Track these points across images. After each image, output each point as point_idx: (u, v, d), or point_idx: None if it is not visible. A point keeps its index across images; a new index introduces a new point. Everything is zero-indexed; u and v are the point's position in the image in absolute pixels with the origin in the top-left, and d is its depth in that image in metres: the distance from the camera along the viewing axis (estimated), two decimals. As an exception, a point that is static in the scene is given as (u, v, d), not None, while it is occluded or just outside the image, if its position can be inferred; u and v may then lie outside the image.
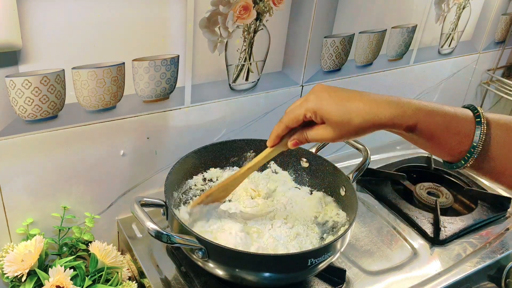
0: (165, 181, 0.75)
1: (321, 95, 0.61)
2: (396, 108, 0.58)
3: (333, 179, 0.87)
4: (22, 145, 0.73)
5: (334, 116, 0.60)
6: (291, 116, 0.65)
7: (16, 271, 0.69)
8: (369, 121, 0.59)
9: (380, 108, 0.58)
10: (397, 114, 0.58)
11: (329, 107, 0.60)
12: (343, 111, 0.59)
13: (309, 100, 0.62)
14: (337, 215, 0.82)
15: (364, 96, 0.60)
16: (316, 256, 0.67)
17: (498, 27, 1.36)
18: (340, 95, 0.60)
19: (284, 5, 0.88)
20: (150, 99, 0.82)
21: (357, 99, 0.59)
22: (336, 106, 0.60)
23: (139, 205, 0.67)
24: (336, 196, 0.86)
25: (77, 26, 0.69)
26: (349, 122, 0.59)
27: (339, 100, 0.60)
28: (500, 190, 1.11)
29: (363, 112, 0.59)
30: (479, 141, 0.56)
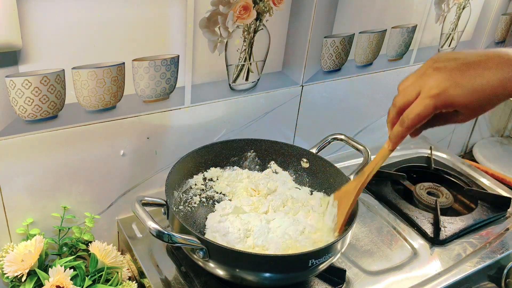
0: (166, 181, 0.75)
1: (444, 80, 0.54)
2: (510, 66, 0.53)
3: (333, 179, 0.87)
4: (22, 145, 0.73)
5: (470, 107, 0.54)
6: (414, 117, 0.56)
7: (16, 271, 0.69)
8: (503, 98, 0.54)
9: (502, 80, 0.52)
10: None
11: (461, 98, 0.53)
12: (477, 100, 0.53)
13: (427, 76, 0.55)
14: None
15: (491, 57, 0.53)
16: (317, 257, 0.67)
17: (498, 27, 1.36)
18: (467, 78, 0.53)
19: (284, 5, 0.88)
20: (150, 99, 0.82)
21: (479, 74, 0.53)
22: (470, 95, 0.53)
23: (140, 204, 0.67)
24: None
25: (77, 26, 0.69)
26: (486, 108, 0.54)
27: (469, 86, 0.53)
28: (500, 190, 1.11)
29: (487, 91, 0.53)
30: None
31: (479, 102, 0.53)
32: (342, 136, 0.90)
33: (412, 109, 0.56)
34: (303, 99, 1.03)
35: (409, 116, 0.57)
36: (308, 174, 0.91)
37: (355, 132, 1.19)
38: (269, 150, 0.92)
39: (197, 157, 0.85)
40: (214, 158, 0.88)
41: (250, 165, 0.92)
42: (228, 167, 0.90)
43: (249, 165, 0.92)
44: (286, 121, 1.04)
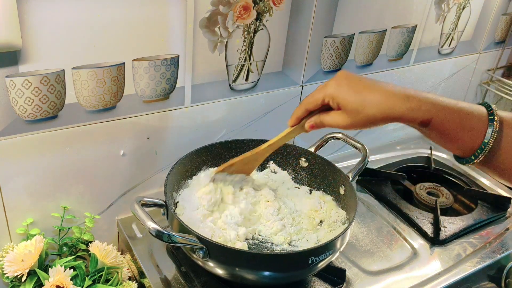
0: (165, 181, 0.75)
1: (341, 82, 0.63)
2: (411, 102, 0.59)
3: (332, 178, 0.87)
4: (22, 145, 0.73)
5: (350, 104, 0.61)
6: (310, 99, 0.67)
7: (16, 271, 0.69)
8: (383, 113, 0.60)
9: (396, 101, 0.59)
10: (412, 108, 0.59)
11: (346, 94, 0.62)
12: (359, 100, 0.61)
13: (329, 86, 0.64)
14: (337, 214, 0.83)
15: (382, 87, 0.61)
16: (317, 254, 0.67)
17: (498, 27, 1.36)
18: (359, 84, 0.62)
19: (284, 5, 0.88)
20: (150, 99, 0.82)
21: (375, 89, 0.60)
22: (353, 94, 0.61)
23: (139, 205, 0.67)
24: (336, 195, 0.86)
25: (77, 26, 0.69)
26: (364, 111, 0.60)
27: (357, 89, 0.61)
28: (500, 190, 1.11)
29: (379, 103, 0.60)
30: (491, 138, 0.57)
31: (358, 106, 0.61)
32: (340, 135, 0.90)
33: (310, 96, 0.68)
34: (303, 99, 1.03)
35: (307, 100, 0.68)
36: (307, 173, 0.91)
37: (354, 132, 1.19)
38: None
39: (196, 157, 0.85)
40: (213, 159, 0.88)
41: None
42: None
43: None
44: (286, 121, 1.04)
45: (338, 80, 0.63)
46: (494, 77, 1.44)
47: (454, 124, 0.58)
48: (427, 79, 1.27)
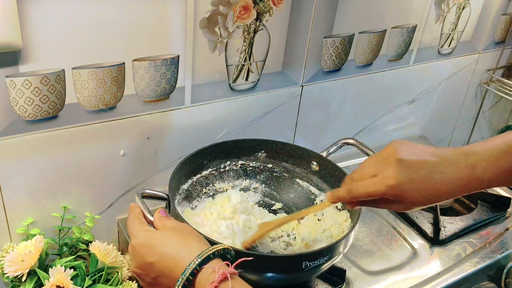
0: (171, 175, 0.75)
1: (401, 174, 0.57)
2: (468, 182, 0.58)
3: (341, 184, 0.86)
4: (22, 145, 0.73)
5: (416, 203, 0.59)
6: (362, 192, 0.61)
7: (16, 271, 0.69)
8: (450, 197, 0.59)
9: (456, 186, 0.58)
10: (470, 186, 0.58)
11: (412, 194, 0.58)
12: (427, 200, 0.59)
13: (388, 179, 0.58)
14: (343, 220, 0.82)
15: (445, 175, 0.57)
16: (311, 259, 0.67)
17: (498, 27, 1.36)
18: (422, 178, 0.57)
19: (284, 5, 0.88)
20: (150, 99, 0.82)
21: (438, 183, 0.57)
22: (419, 194, 0.58)
23: (140, 196, 0.67)
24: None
25: (77, 26, 0.69)
26: (429, 205, 0.60)
27: (423, 186, 0.57)
28: (500, 190, 1.11)
29: (440, 195, 0.58)
30: None
31: (425, 200, 0.58)
32: (352, 141, 0.90)
33: (364, 186, 0.61)
34: (303, 99, 1.03)
35: (358, 190, 0.61)
36: (318, 177, 0.91)
37: (355, 132, 1.19)
38: (279, 151, 0.91)
39: (206, 154, 0.86)
40: (224, 156, 0.88)
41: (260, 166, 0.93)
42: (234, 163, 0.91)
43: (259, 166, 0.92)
44: (286, 121, 1.04)
45: (397, 170, 0.57)
46: (494, 77, 1.44)
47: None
48: (427, 79, 1.27)
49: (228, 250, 0.57)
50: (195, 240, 0.58)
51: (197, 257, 0.53)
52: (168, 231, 0.59)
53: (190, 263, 0.53)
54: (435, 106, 1.34)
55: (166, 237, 0.58)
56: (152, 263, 0.57)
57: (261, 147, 0.91)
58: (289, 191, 0.93)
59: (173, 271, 0.54)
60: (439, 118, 1.39)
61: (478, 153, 0.58)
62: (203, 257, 0.54)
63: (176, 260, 0.55)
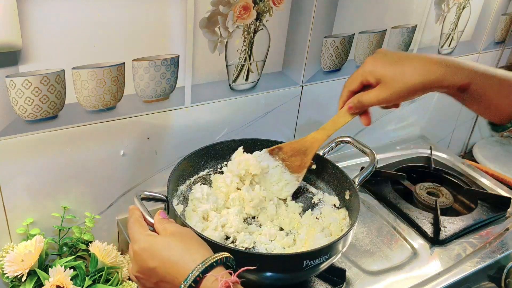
0: (169, 176, 0.75)
1: (377, 57, 0.65)
2: (450, 67, 0.59)
3: (338, 182, 0.86)
4: (22, 145, 0.73)
5: (388, 75, 0.62)
6: (350, 80, 0.69)
7: (16, 271, 0.69)
8: (422, 79, 0.60)
9: (434, 66, 0.60)
10: (450, 72, 0.59)
11: (383, 67, 0.63)
12: (398, 70, 0.62)
13: (366, 63, 0.66)
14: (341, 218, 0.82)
15: (418, 55, 0.62)
16: (312, 258, 0.67)
17: (498, 27, 1.36)
18: (395, 56, 0.64)
19: (284, 5, 0.88)
20: (150, 99, 0.82)
21: (411, 58, 0.62)
22: (390, 65, 0.63)
23: (139, 198, 0.67)
24: (341, 199, 0.86)
25: (77, 26, 0.69)
26: (403, 80, 0.61)
27: (394, 60, 0.63)
28: (500, 190, 1.11)
29: (417, 70, 0.60)
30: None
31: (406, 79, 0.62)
32: (348, 139, 0.90)
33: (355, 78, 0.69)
34: (303, 99, 1.03)
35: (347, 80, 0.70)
36: (315, 176, 0.91)
37: (355, 132, 1.19)
38: None
39: (203, 155, 0.86)
40: (220, 157, 0.88)
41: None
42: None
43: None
44: (286, 121, 1.04)
45: (375, 56, 0.65)
46: (494, 77, 1.44)
47: (492, 89, 0.58)
48: (427, 79, 1.27)
49: (230, 259, 0.57)
50: (198, 247, 0.57)
51: (200, 265, 0.53)
52: (170, 236, 0.59)
53: (193, 270, 0.53)
54: (435, 106, 1.34)
55: (168, 242, 0.58)
56: (154, 268, 0.56)
57: (257, 147, 0.91)
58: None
59: (175, 278, 0.54)
60: (439, 118, 1.39)
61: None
62: (206, 265, 0.54)
63: (178, 266, 0.55)
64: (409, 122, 1.31)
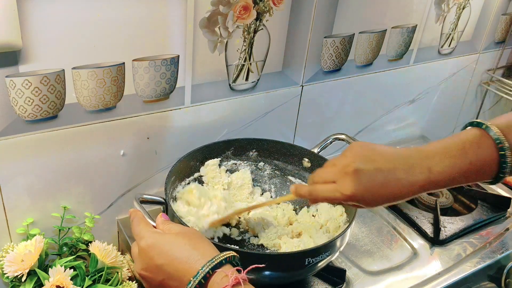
0: (166, 178, 0.75)
1: (358, 184, 0.59)
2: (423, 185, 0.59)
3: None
4: (22, 145, 0.73)
5: (372, 205, 0.62)
6: (321, 196, 0.64)
7: (16, 271, 0.69)
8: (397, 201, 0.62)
9: (411, 190, 0.60)
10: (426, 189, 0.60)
11: (367, 200, 0.60)
12: (382, 203, 0.61)
13: (345, 189, 0.60)
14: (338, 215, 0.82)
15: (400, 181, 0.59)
16: (314, 255, 0.67)
17: (498, 27, 1.36)
18: (378, 186, 0.59)
19: (284, 5, 0.88)
20: (150, 99, 0.82)
21: (394, 188, 0.59)
22: (374, 200, 0.60)
23: (138, 202, 0.67)
24: None
25: (77, 26, 0.69)
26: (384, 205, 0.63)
27: (378, 193, 0.60)
28: (500, 190, 1.11)
29: (396, 198, 0.60)
30: (509, 165, 0.58)
31: (381, 202, 0.61)
32: (343, 136, 0.90)
33: (323, 191, 0.63)
34: (303, 99, 1.03)
35: (318, 194, 0.64)
36: (310, 174, 0.91)
37: (355, 132, 1.19)
38: (271, 150, 0.92)
39: (198, 155, 0.86)
40: (215, 157, 0.88)
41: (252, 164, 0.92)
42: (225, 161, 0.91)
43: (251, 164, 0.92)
44: (286, 121, 1.04)
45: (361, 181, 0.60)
46: (494, 77, 1.44)
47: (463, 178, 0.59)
48: (427, 79, 1.27)
49: (236, 258, 0.57)
50: (205, 245, 0.58)
51: (210, 261, 0.54)
52: (178, 234, 0.59)
53: (203, 267, 0.53)
54: (435, 106, 1.34)
55: (176, 240, 0.58)
56: (161, 265, 0.56)
57: (252, 146, 0.91)
58: (281, 188, 0.93)
59: (183, 275, 0.54)
60: (439, 118, 1.39)
61: (435, 154, 0.59)
62: (216, 262, 0.54)
63: (188, 263, 0.55)
64: (409, 122, 1.31)
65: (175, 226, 0.61)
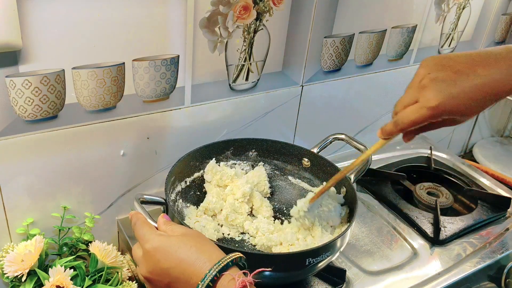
0: (166, 179, 0.75)
1: (440, 92, 0.55)
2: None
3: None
4: (22, 145, 0.73)
5: (467, 114, 0.56)
6: (408, 121, 0.59)
7: (16, 271, 0.69)
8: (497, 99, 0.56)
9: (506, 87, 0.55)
10: None
11: (458, 108, 0.55)
12: (476, 108, 0.56)
13: (429, 101, 0.56)
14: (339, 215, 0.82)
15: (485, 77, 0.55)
16: (314, 255, 0.67)
17: (498, 27, 1.36)
18: (463, 89, 0.55)
19: (284, 5, 0.88)
20: (150, 99, 0.82)
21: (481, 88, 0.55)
22: (466, 106, 0.55)
23: (139, 202, 0.67)
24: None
25: (77, 26, 0.69)
26: (480, 109, 0.57)
27: (466, 97, 0.55)
28: (500, 190, 1.11)
29: (491, 97, 0.56)
30: None
31: (474, 107, 0.56)
32: (343, 136, 0.90)
33: (408, 114, 0.59)
34: (303, 99, 1.03)
35: (404, 120, 0.60)
36: (310, 173, 0.91)
37: (355, 132, 1.19)
38: (270, 150, 0.92)
39: (198, 156, 0.86)
40: (214, 157, 0.88)
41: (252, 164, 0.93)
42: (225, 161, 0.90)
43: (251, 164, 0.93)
44: (286, 121, 1.04)
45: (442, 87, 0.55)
46: (494, 77, 1.44)
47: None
48: (427, 79, 1.27)
49: (242, 259, 0.57)
50: (211, 247, 0.57)
51: (217, 264, 0.53)
52: (183, 236, 0.58)
53: (210, 270, 0.53)
54: (435, 106, 1.34)
55: (181, 242, 0.57)
56: (167, 268, 0.56)
57: (252, 146, 0.91)
58: (281, 188, 0.93)
59: (190, 277, 0.54)
60: (439, 118, 1.38)
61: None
62: (223, 264, 0.53)
63: (194, 266, 0.54)
64: (409, 122, 1.31)
65: (178, 227, 0.61)
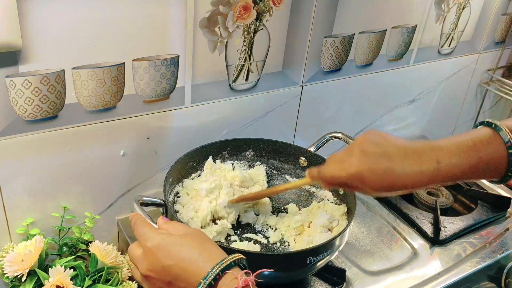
0: (164, 181, 0.75)
1: (362, 163, 0.61)
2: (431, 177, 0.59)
3: None
4: (22, 145, 0.73)
5: (375, 189, 0.62)
6: (328, 175, 0.66)
7: (16, 271, 0.69)
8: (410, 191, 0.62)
9: (419, 180, 0.60)
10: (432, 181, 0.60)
11: (371, 181, 0.61)
12: (386, 189, 0.61)
13: (350, 167, 0.62)
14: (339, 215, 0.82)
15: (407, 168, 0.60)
16: (315, 254, 0.67)
17: (498, 27, 1.36)
18: (383, 169, 0.60)
19: (284, 5, 0.88)
20: (150, 99, 0.82)
21: (399, 176, 0.60)
22: (379, 183, 0.61)
23: (138, 204, 0.67)
24: (336, 194, 0.86)
25: (77, 26, 0.69)
26: (390, 193, 0.63)
27: (383, 177, 0.60)
28: (500, 190, 1.11)
29: (402, 187, 0.61)
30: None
31: (385, 189, 0.61)
32: (339, 134, 0.90)
33: (331, 169, 0.66)
34: (303, 99, 1.03)
35: (325, 173, 0.67)
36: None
37: (355, 132, 1.19)
38: (267, 149, 0.92)
39: (195, 156, 0.86)
40: (212, 158, 0.88)
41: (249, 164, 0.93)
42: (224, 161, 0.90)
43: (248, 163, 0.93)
44: (286, 121, 1.04)
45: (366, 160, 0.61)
46: (494, 77, 1.44)
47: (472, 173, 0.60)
48: (427, 79, 1.27)
49: (244, 260, 0.57)
50: (212, 246, 0.57)
51: (220, 263, 0.54)
52: (185, 235, 0.58)
53: (213, 268, 0.53)
54: (435, 106, 1.34)
55: (183, 241, 0.57)
56: (169, 266, 0.56)
57: (249, 146, 0.91)
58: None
59: (191, 276, 0.54)
60: (439, 118, 1.39)
61: (444, 148, 0.60)
62: (226, 264, 0.54)
63: (196, 264, 0.54)
64: (409, 122, 1.31)
65: (179, 226, 0.61)
